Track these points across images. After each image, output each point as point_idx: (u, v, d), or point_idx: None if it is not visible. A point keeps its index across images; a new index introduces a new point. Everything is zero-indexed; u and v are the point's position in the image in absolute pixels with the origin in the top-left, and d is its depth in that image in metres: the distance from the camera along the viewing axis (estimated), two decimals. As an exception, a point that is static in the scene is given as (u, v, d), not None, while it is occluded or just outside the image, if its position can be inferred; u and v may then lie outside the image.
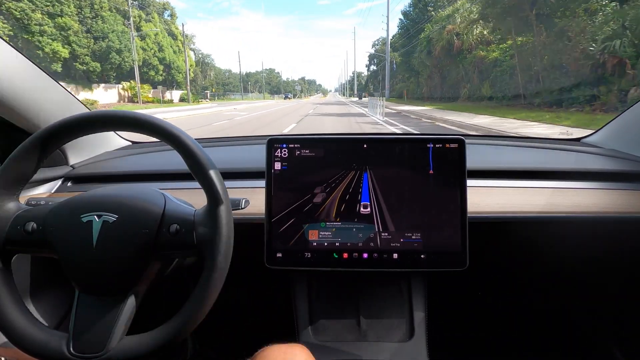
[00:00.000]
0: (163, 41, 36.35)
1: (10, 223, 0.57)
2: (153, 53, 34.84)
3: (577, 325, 1.25)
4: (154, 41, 35.01)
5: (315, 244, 0.79)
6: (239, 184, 0.94)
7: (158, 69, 35.68)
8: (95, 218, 0.56)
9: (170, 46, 37.45)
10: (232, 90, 73.40)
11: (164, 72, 36.95)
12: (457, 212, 0.77)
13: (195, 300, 0.55)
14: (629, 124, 1.04)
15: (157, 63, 35.45)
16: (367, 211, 0.78)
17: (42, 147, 0.58)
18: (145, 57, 33.76)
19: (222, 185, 0.58)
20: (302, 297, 0.98)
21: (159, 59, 35.84)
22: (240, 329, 1.32)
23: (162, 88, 35.15)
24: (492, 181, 0.92)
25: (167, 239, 0.57)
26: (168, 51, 36.65)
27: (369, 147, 0.79)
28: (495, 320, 1.32)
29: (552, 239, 0.97)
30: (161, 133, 0.58)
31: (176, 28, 41.28)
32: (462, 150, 0.77)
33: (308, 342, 0.91)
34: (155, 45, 35.18)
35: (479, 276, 1.22)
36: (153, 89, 34.65)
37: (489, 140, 1.20)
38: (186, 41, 42.55)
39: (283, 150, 0.79)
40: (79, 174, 1.02)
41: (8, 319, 0.54)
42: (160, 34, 36.14)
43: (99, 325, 0.55)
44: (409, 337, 0.91)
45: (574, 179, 0.92)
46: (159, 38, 35.93)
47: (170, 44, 37.65)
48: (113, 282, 0.56)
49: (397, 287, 0.98)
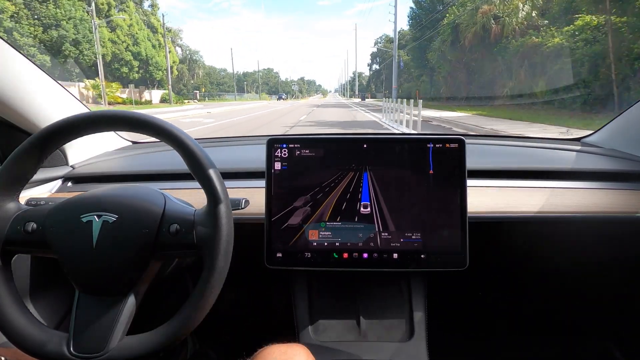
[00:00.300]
0: (139, 34, 31.47)
1: (10, 223, 0.57)
2: (126, 47, 30.26)
3: (576, 325, 1.25)
4: (127, 33, 30.24)
5: (315, 243, 0.79)
6: (239, 184, 0.94)
7: (132, 65, 31.02)
8: (95, 218, 0.56)
9: (148, 39, 32.62)
10: (228, 90, 70.64)
11: (140, 69, 32.36)
12: (457, 212, 0.77)
13: (195, 300, 0.55)
14: (629, 124, 1.04)
15: (130, 58, 30.72)
16: (367, 211, 0.78)
17: (42, 147, 0.58)
18: (116, 50, 29.07)
19: (222, 185, 0.58)
20: (302, 297, 0.98)
21: (133, 53, 31.06)
22: (240, 329, 1.32)
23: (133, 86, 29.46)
24: (492, 181, 0.92)
25: (167, 239, 0.57)
26: (145, 45, 31.92)
27: (369, 147, 0.79)
28: (496, 320, 1.32)
29: (552, 239, 0.97)
30: (161, 133, 0.58)
31: (157, 20, 36.32)
32: (462, 150, 0.77)
33: (308, 342, 0.91)
34: (128, 38, 30.44)
35: (479, 276, 1.22)
36: (124, 88, 29.47)
37: (489, 140, 1.20)
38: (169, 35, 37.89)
39: (283, 150, 0.79)
40: (79, 174, 1.02)
41: (8, 319, 0.54)
42: (135, 26, 31.30)
43: (99, 325, 0.55)
44: (409, 337, 0.91)
45: (574, 178, 0.92)
46: (134, 30, 31.07)
47: (148, 37, 32.84)
48: (113, 282, 0.56)
49: (397, 287, 0.98)
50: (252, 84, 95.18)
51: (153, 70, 33.78)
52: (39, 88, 0.88)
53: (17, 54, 0.81)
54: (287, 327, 0.95)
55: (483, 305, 1.32)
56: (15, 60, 0.81)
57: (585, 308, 1.23)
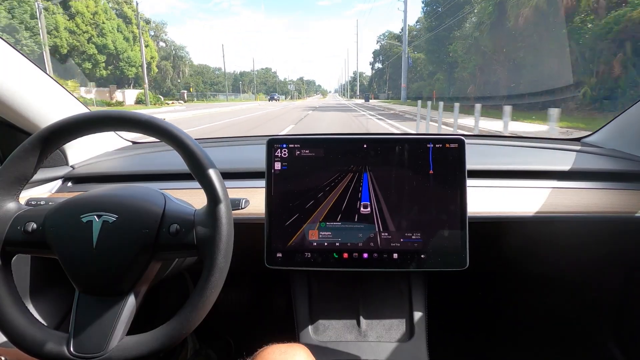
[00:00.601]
0: (107, 24, 26.61)
1: (10, 223, 0.57)
2: (88, 38, 25.49)
3: (576, 325, 1.25)
4: (90, 22, 25.45)
5: (315, 243, 0.79)
6: (239, 184, 0.94)
7: (97, 60, 26.32)
8: (95, 218, 0.56)
9: (118, 31, 27.68)
10: (222, 90, 66.61)
11: (109, 65, 27.73)
12: (457, 212, 0.77)
13: (195, 300, 0.55)
14: (629, 124, 1.04)
15: (94, 52, 25.93)
16: (367, 211, 0.78)
17: (42, 147, 0.58)
18: (74, 42, 24.19)
19: (222, 185, 0.58)
20: (302, 297, 0.98)
21: (98, 46, 26.28)
22: (240, 329, 1.32)
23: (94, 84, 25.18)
24: (492, 181, 0.92)
25: (167, 239, 0.57)
26: (114, 37, 27.20)
27: (369, 147, 0.79)
28: (496, 320, 1.32)
29: (552, 239, 0.97)
30: (161, 133, 0.58)
31: (132, 10, 30.69)
32: (462, 150, 0.77)
33: (308, 342, 0.91)
34: (92, 28, 25.65)
35: (479, 276, 1.22)
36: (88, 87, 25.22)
37: (489, 140, 1.20)
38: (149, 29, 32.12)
39: (283, 150, 0.79)
40: (79, 174, 1.02)
41: (8, 319, 0.54)
42: (102, 14, 26.44)
43: (99, 326, 0.55)
44: (409, 337, 0.91)
45: (574, 179, 0.92)
46: (100, 19, 26.18)
47: (119, 28, 27.98)
48: (113, 282, 0.56)
49: (397, 287, 0.98)
50: (249, 84, 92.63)
51: (124, 67, 28.75)
52: (39, 88, 0.88)
53: (17, 54, 0.81)
54: (287, 327, 0.95)
55: (483, 305, 1.32)
56: (15, 60, 0.81)
57: (585, 308, 1.23)
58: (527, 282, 1.26)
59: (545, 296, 1.27)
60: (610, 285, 1.15)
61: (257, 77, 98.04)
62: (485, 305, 1.31)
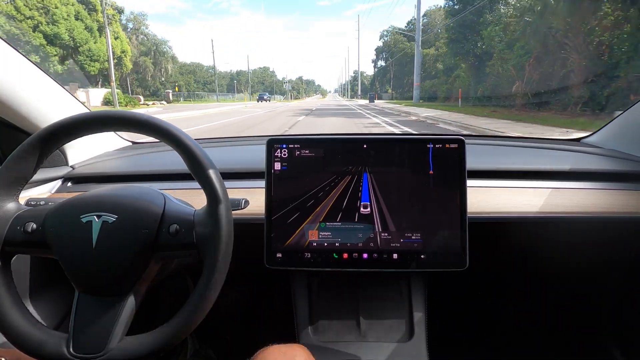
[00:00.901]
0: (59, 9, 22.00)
1: (10, 223, 0.57)
2: (34, 25, 21.09)
3: (577, 325, 1.25)
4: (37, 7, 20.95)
5: (315, 244, 0.79)
6: (239, 184, 0.94)
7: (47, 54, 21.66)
8: (95, 218, 0.56)
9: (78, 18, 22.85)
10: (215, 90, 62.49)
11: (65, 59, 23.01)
12: (457, 212, 0.77)
13: (195, 300, 0.55)
14: (629, 124, 1.04)
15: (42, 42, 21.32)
16: (367, 211, 0.78)
17: (42, 147, 0.58)
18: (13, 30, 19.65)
19: (222, 185, 0.58)
20: (302, 297, 0.98)
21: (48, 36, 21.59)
22: (240, 329, 1.32)
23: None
24: (492, 181, 0.92)
25: (167, 239, 0.57)
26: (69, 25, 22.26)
27: (368, 147, 0.79)
28: (496, 320, 1.32)
29: (551, 239, 0.97)
30: (161, 133, 0.58)
31: None
32: (462, 150, 0.77)
33: (308, 342, 0.91)
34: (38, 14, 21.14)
35: (479, 276, 1.22)
36: None
37: (489, 140, 1.20)
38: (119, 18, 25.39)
39: (283, 150, 0.79)
40: (79, 174, 1.02)
41: (8, 319, 0.54)
42: None
43: (99, 326, 0.55)
44: (409, 337, 0.91)
45: (573, 179, 0.92)
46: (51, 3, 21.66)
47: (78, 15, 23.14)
48: (113, 282, 0.56)
49: (397, 287, 0.98)
50: (245, 83, 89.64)
51: (84, 62, 23.59)
52: (39, 88, 0.88)
53: (17, 54, 0.81)
54: (287, 327, 0.95)
55: (483, 305, 1.32)
56: (15, 60, 0.81)
57: (585, 308, 1.23)
58: (527, 282, 1.26)
59: (545, 296, 1.27)
60: (610, 285, 1.15)
61: (254, 76, 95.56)
62: (485, 306, 1.31)
